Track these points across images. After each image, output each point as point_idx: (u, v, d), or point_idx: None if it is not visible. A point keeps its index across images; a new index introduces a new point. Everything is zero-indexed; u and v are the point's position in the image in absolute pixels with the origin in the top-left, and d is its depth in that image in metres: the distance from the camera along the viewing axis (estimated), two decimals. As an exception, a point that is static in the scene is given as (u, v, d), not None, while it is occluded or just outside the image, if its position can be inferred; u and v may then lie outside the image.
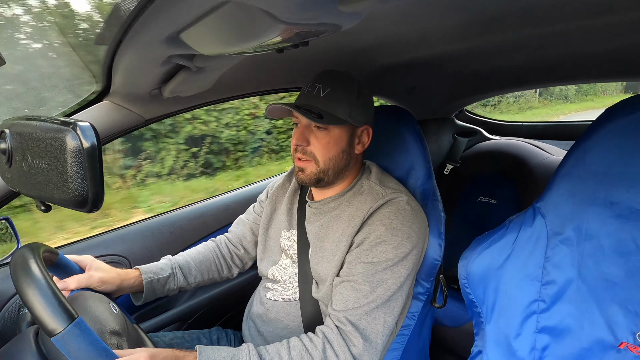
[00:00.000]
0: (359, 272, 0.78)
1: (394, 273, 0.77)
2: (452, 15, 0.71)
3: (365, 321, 0.75)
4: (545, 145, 1.49)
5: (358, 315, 0.75)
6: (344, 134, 0.85)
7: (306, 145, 0.84)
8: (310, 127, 0.85)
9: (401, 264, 0.78)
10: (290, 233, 0.98)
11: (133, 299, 0.92)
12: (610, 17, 0.70)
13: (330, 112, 0.81)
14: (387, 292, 0.76)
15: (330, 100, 0.82)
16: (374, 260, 0.77)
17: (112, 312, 0.68)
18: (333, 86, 0.83)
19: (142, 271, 0.90)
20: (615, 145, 0.62)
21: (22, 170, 0.59)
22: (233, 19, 0.48)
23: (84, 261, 0.83)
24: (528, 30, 0.80)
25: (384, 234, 0.78)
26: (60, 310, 0.51)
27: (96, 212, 0.53)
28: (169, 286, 0.94)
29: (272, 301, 0.94)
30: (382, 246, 0.78)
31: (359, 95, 0.85)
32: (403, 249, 0.78)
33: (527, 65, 1.20)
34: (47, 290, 0.52)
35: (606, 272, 0.61)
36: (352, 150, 0.88)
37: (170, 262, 0.98)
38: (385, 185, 0.87)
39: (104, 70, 0.76)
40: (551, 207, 0.70)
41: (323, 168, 0.85)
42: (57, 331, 0.50)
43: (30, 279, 0.53)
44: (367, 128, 0.89)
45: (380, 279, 0.77)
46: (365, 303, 0.75)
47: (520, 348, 0.68)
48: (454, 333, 1.39)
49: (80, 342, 0.50)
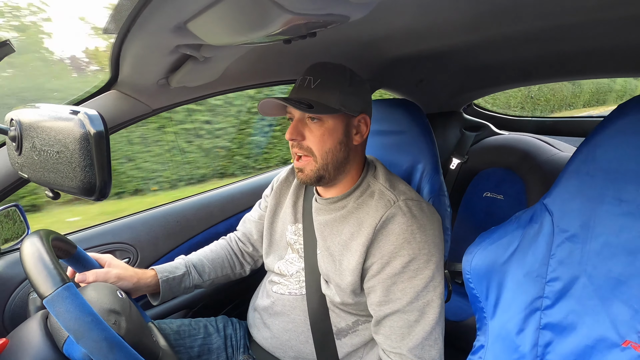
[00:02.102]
0: (400, 299, 0.76)
1: (434, 287, 0.76)
2: (462, 6, 0.70)
3: (428, 346, 0.75)
4: (554, 141, 1.47)
5: (420, 345, 0.74)
6: (339, 124, 0.82)
7: (301, 140, 0.82)
8: (304, 120, 0.82)
9: (437, 274, 0.77)
10: (296, 227, 0.97)
11: (151, 299, 0.93)
12: (624, 9, 0.69)
13: (321, 102, 0.79)
14: (435, 311, 0.75)
15: (322, 91, 0.79)
16: (412, 283, 0.75)
17: (116, 296, 0.70)
18: (324, 76, 0.81)
19: (157, 270, 0.91)
20: (626, 143, 0.61)
21: (31, 158, 0.59)
22: (240, 9, 0.47)
23: (104, 259, 0.85)
24: (540, 23, 0.79)
25: (411, 252, 0.76)
26: (54, 273, 0.53)
27: (103, 200, 0.54)
28: (184, 284, 0.95)
29: (278, 294, 0.94)
30: (414, 264, 0.76)
31: (352, 83, 0.82)
32: (433, 259, 0.76)
33: (537, 59, 1.18)
34: (44, 254, 0.54)
35: (612, 270, 0.61)
36: (349, 141, 0.84)
37: (184, 260, 0.99)
38: (395, 188, 0.84)
39: (112, 60, 0.76)
40: (559, 203, 0.69)
41: (322, 163, 0.82)
42: (48, 293, 0.51)
43: (31, 246, 0.56)
44: (364, 117, 0.85)
45: (426, 301, 0.75)
46: (421, 330, 0.75)
47: (522, 344, 0.68)
48: (456, 327, 1.39)
49: (68, 305, 0.51)
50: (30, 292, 0.78)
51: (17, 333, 0.63)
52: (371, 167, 0.92)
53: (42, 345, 0.59)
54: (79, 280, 0.78)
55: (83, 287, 0.71)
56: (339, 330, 0.87)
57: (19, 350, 0.59)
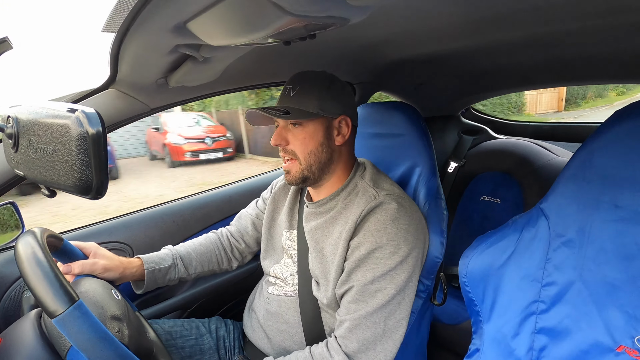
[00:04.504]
0: (358, 279, 0.78)
1: (393, 278, 0.78)
2: (462, 11, 0.71)
3: (364, 325, 0.76)
4: (551, 146, 1.47)
5: (357, 320, 0.76)
6: (319, 127, 0.86)
7: (285, 145, 0.87)
8: (287, 127, 0.87)
9: (400, 268, 0.78)
10: (290, 233, 0.99)
11: (134, 287, 0.93)
12: (624, 16, 0.69)
13: (300, 109, 0.83)
14: (385, 298, 0.77)
15: (300, 97, 0.85)
16: (372, 268, 0.78)
17: (113, 298, 0.69)
18: (303, 84, 0.86)
19: (144, 261, 0.92)
20: (623, 148, 0.61)
21: (27, 155, 0.59)
22: (241, 10, 0.47)
23: (88, 248, 0.84)
24: (539, 29, 0.79)
25: (379, 240, 0.78)
26: (62, 292, 0.52)
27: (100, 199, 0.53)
28: (169, 276, 0.95)
29: (274, 295, 0.96)
30: (379, 252, 0.78)
31: (331, 88, 0.86)
32: (400, 253, 0.78)
33: (536, 64, 1.19)
34: (50, 272, 0.53)
35: (608, 275, 0.61)
36: (331, 142, 0.88)
37: (172, 252, 0.99)
38: (378, 186, 0.87)
39: (111, 58, 0.76)
40: (555, 208, 0.70)
41: (305, 165, 0.86)
42: (58, 312, 0.50)
43: (34, 261, 0.54)
44: (345, 118, 0.89)
45: (379, 286, 0.77)
46: (364, 308, 0.76)
47: (517, 348, 0.68)
48: (452, 331, 1.39)
49: (80, 324, 0.51)
50: (25, 291, 0.78)
51: (10, 332, 0.62)
52: (360, 168, 0.94)
53: (35, 344, 0.58)
54: (64, 272, 0.77)
55: (78, 288, 0.70)
56: (331, 331, 0.87)
57: (12, 349, 0.58)
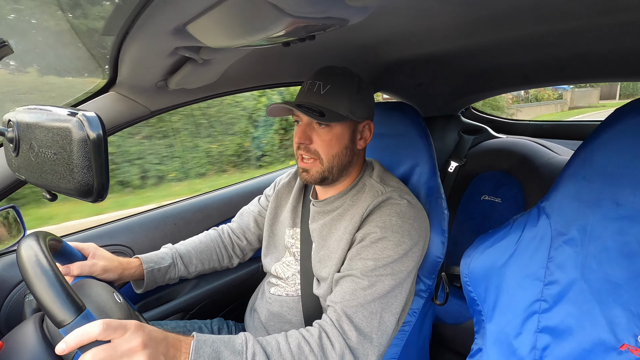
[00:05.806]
0: (358, 267, 0.78)
1: (393, 270, 0.78)
2: (460, 11, 0.71)
3: (361, 314, 0.75)
4: (552, 145, 1.47)
5: (354, 308, 0.75)
6: (346, 130, 0.85)
7: (309, 144, 0.85)
8: (312, 124, 0.85)
9: (401, 261, 0.78)
10: (294, 231, 0.98)
11: (134, 286, 0.93)
12: (621, 15, 0.69)
13: (331, 109, 0.82)
14: (384, 288, 0.76)
15: (331, 97, 0.82)
16: (373, 257, 0.77)
17: (116, 302, 0.69)
18: (333, 82, 0.83)
19: (142, 260, 0.91)
20: (623, 147, 0.61)
21: (28, 159, 0.59)
22: (240, 12, 0.47)
23: (87, 249, 0.84)
24: (538, 28, 0.79)
25: (384, 232, 0.78)
26: (69, 302, 0.52)
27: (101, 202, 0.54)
28: (169, 275, 0.95)
29: (275, 296, 0.95)
30: (382, 243, 0.78)
31: (359, 90, 0.85)
32: (403, 246, 0.78)
33: (535, 63, 1.19)
34: (56, 281, 0.53)
35: (610, 273, 0.61)
36: (354, 146, 0.88)
37: (171, 251, 0.98)
38: (386, 183, 0.88)
39: (111, 61, 0.76)
40: (556, 207, 0.70)
41: (327, 166, 0.85)
42: (66, 323, 0.51)
43: (39, 269, 0.54)
44: (369, 123, 0.89)
45: (380, 274, 0.77)
46: (362, 296, 0.75)
47: (520, 347, 0.68)
48: (454, 330, 1.39)
49: None
50: (27, 294, 0.78)
51: (13, 336, 0.62)
52: (369, 167, 0.95)
53: (38, 348, 0.58)
54: (63, 273, 0.76)
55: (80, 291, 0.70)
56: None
57: (14, 353, 0.58)
